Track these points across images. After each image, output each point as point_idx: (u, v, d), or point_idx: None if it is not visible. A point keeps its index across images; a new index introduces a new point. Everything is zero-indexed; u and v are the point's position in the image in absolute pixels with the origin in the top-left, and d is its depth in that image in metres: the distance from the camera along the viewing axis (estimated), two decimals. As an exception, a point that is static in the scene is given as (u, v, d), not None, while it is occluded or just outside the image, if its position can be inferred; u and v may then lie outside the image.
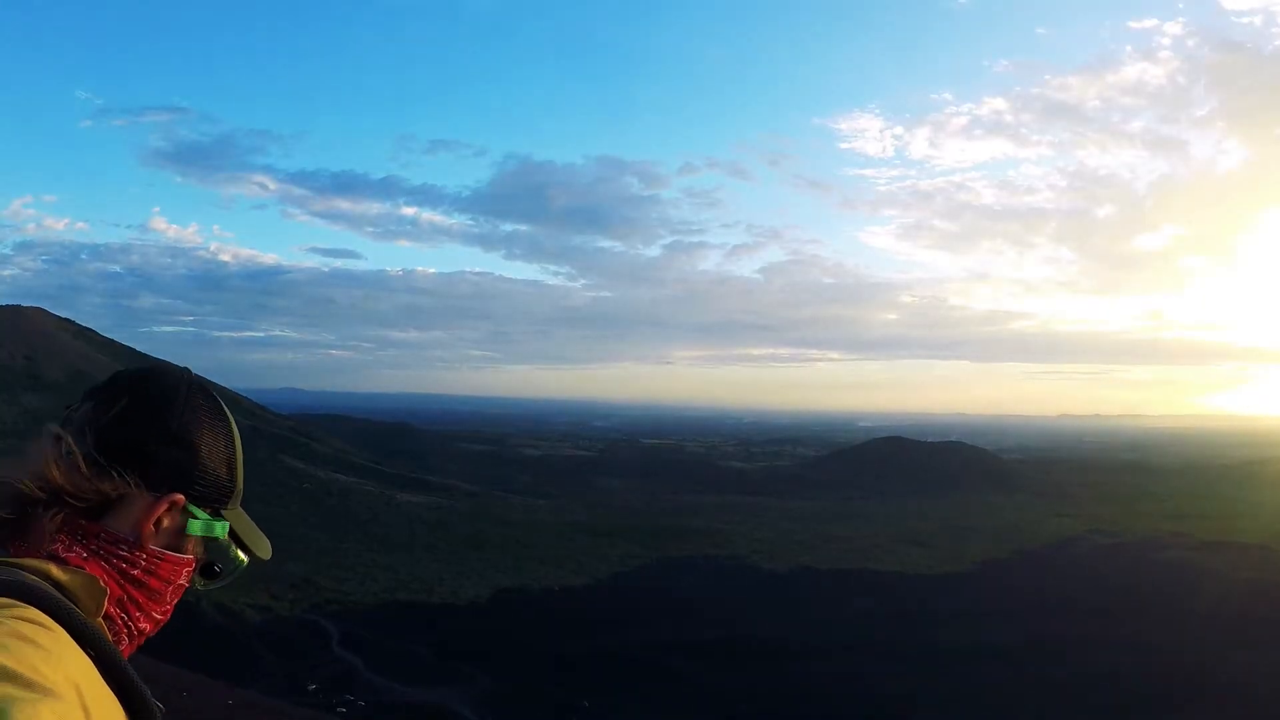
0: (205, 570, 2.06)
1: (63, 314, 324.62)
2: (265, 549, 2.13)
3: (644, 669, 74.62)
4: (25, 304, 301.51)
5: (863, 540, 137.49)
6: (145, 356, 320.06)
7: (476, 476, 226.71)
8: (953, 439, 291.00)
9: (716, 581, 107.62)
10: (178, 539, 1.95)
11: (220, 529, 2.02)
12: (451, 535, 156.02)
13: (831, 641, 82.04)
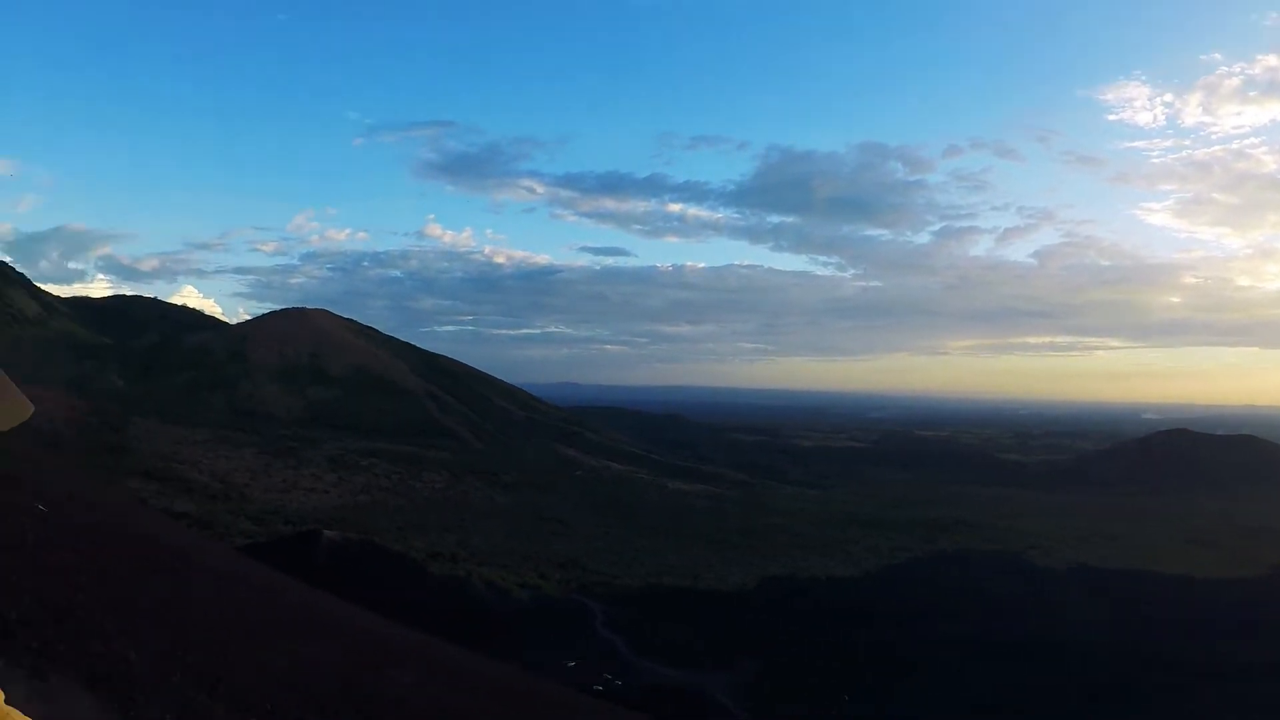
0: None
1: (349, 318, 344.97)
2: None
3: (909, 663, 71.18)
4: (308, 305, 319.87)
5: (1144, 540, 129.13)
6: (424, 353, 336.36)
7: (748, 466, 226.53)
8: (1243, 432, 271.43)
9: (988, 577, 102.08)
10: None
11: None
12: (721, 523, 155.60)
13: (1104, 646, 76.22)
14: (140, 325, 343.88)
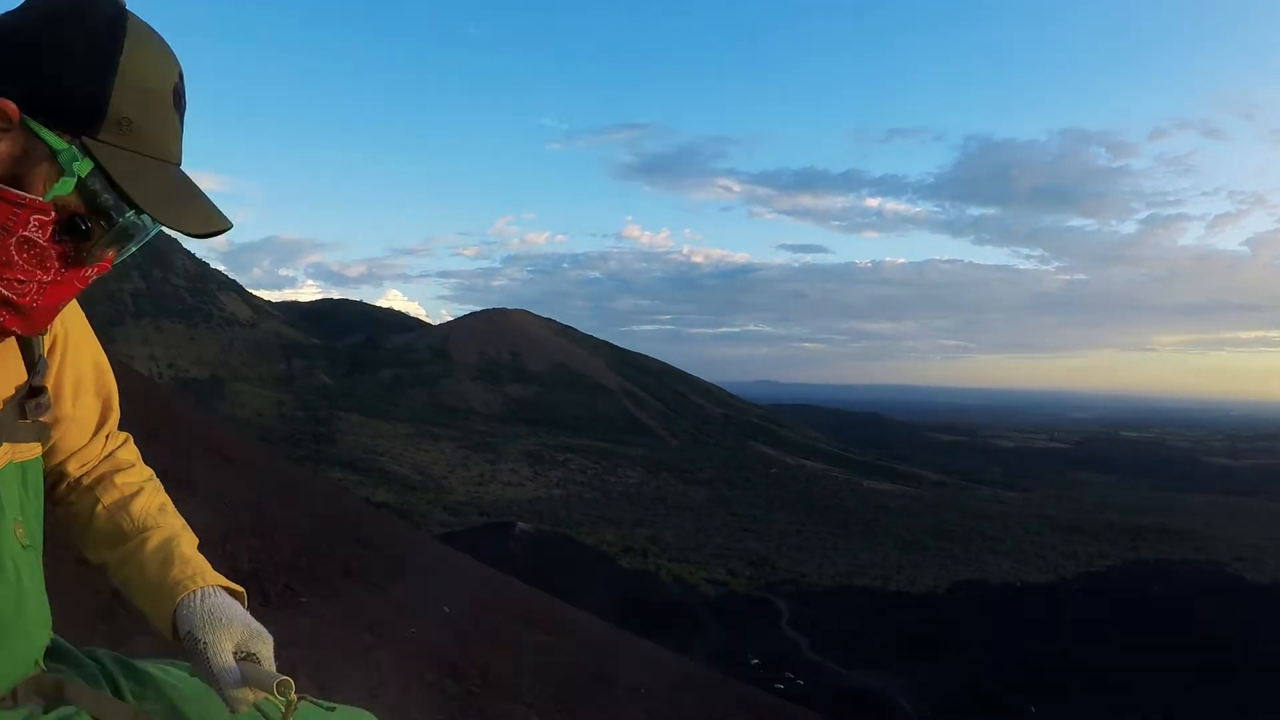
0: (70, 227, 1.36)
1: (549, 317, 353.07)
2: (172, 212, 1.35)
3: (1101, 678, 68.12)
4: (508, 306, 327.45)
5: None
6: (621, 351, 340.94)
7: (945, 466, 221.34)
8: None
9: (1190, 589, 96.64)
10: (18, 168, 1.31)
11: (78, 163, 1.31)
12: (915, 524, 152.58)
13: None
14: (346, 327, 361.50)
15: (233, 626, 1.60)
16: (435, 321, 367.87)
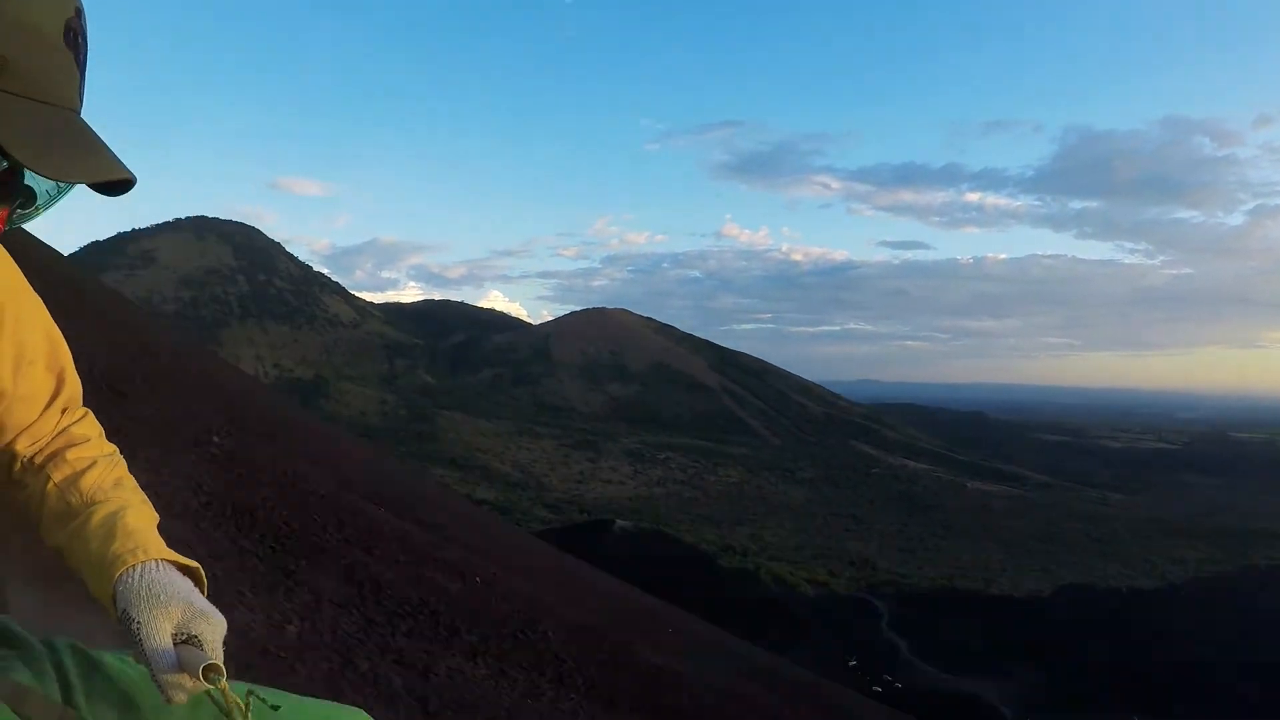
0: None
1: (648, 315, 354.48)
2: (45, 157, 1.18)
3: (1206, 689, 66.60)
4: (609, 306, 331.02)
5: None
6: (721, 350, 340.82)
7: (1051, 467, 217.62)
8: None
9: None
10: None
11: None
12: (1019, 526, 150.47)
13: None
14: (448, 327, 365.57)
15: (171, 605, 1.47)
16: (536, 321, 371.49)
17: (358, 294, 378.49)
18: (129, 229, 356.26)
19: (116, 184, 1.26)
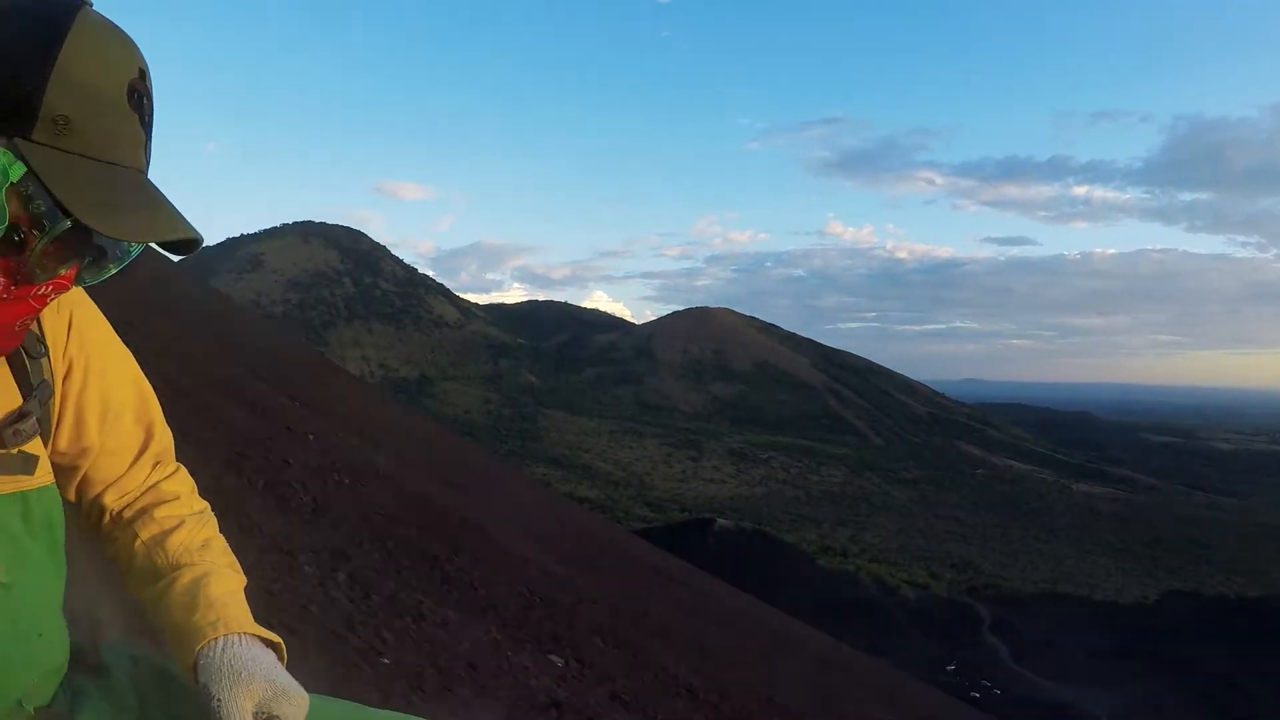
0: (6, 239, 1.26)
1: (751, 314, 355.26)
2: (107, 217, 1.23)
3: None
4: (712, 305, 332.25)
5: None
6: (824, 349, 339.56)
7: (1159, 469, 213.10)
8: None
9: None
10: None
11: (10, 166, 1.21)
12: (1126, 530, 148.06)
13: None
14: (552, 327, 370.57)
15: (253, 683, 1.46)
16: (639, 321, 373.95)
17: (462, 296, 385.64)
18: (238, 234, 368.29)
19: (184, 243, 1.25)
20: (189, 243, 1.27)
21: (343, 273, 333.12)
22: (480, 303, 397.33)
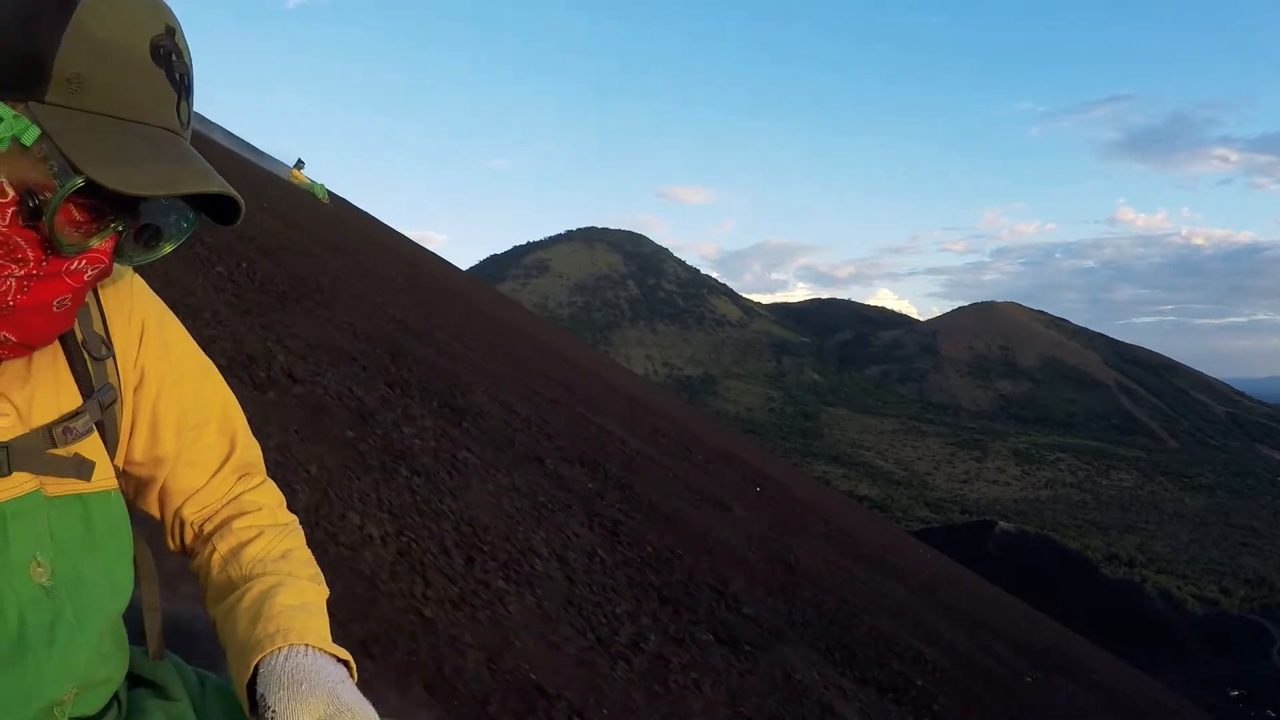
0: (35, 213, 1.15)
1: (1039, 309, 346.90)
2: (118, 171, 1.13)
3: None
4: (999, 300, 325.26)
5: None
6: (1115, 344, 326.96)
7: None
8: None
9: None
10: None
11: (23, 130, 1.11)
12: None
13: None
14: (835, 325, 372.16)
15: (314, 696, 1.33)
16: (924, 318, 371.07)
17: (746, 295, 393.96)
18: (524, 242, 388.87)
19: (225, 208, 1.12)
20: (229, 207, 1.09)
21: (626, 275, 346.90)
22: (764, 302, 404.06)
